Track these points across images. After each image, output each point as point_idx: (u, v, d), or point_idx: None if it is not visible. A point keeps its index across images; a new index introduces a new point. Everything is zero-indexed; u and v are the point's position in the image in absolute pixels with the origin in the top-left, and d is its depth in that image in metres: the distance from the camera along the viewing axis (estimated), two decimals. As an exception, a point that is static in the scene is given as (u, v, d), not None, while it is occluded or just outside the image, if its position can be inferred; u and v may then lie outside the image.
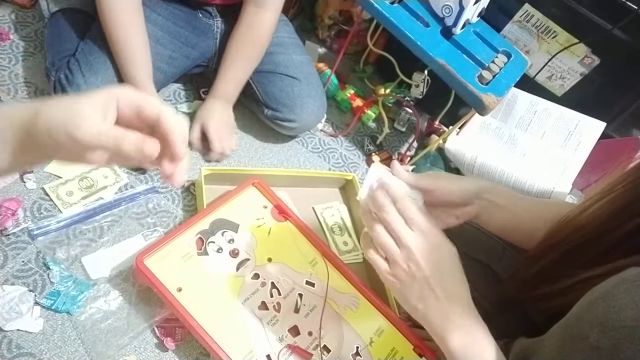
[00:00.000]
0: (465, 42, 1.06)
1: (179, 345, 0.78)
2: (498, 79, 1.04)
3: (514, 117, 1.18)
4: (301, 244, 0.90)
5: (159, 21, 0.99)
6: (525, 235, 0.72)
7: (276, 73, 1.07)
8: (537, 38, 1.18)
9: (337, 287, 0.86)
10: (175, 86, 1.14)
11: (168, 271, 0.76)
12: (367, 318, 0.84)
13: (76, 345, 0.74)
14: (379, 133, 1.28)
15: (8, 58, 1.03)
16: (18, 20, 1.11)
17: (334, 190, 1.11)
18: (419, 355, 0.82)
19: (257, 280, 0.82)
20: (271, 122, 1.11)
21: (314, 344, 0.78)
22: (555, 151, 1.14)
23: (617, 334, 0.43)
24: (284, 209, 0.92)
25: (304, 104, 1.07)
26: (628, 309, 0.43)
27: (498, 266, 0.84)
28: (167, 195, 0.96)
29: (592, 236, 0.61)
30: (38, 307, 0.75)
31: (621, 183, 0.58)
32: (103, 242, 0.85)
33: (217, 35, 1.07)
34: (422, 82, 1.11)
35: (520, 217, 0.72)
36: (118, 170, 0.94)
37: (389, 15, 0.98)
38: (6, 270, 0.77)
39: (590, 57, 1.14)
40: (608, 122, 1.13)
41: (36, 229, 0.82)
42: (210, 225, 0.85)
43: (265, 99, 1.08)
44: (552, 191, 1.11)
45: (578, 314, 0.49)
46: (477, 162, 1.17)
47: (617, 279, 0.47)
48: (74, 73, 0.91)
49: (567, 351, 0.48)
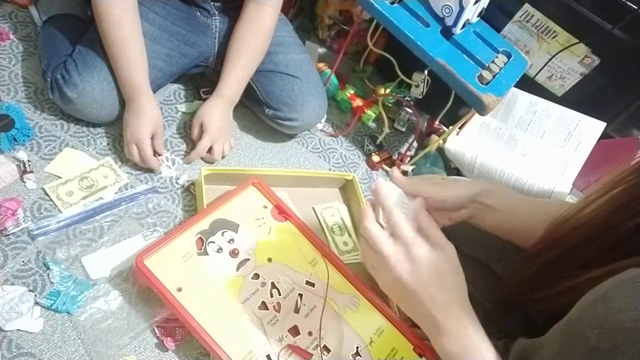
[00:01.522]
0: (465, 42, 1.06)
1: (179, 345, 0.78)
2: (498, 79, 1.04)
3: (514, 117, 1.18)
4: (301, 244, 0.90)
5: (156, 20, 0.99)
6: (523, 235, 0.73)
7: (276, 72, 1.07)
8: (537, 38, 1.18)
9: (337, 287, 0.86)
10: (175, 86, 1.14)
11: (168, 271, 0.76)
12: (367, 318, 0.84)
13: (76, 345, 0.74)
14: (379, 133, 1.28)
15: (8, 58, 1.03)
16: (18, 20, 1.11)
17: (334, 190, 1.11)
18: (419, 355, 0.82)
19: (257, 280, 0.82)
20: (272, 122, 1.10)
21: (314, 344, 0.78)
22: (555, 151, 1.14)
23: (617, 336, 0.43)
24: (284, 209, 0.92)
25: (304, 103, 1.07)
26: (628, 311, 0.43)
27: (498, 266, 0.84)
28: (167, 195, 0.96)
29: (591, 235, 0.61)
30: (38, 307, 0.75)
31: (621, 182, 0.58)
32: (103, 242, 0.85)
33: (215, 35, 1.07)
34: (422, 82, 1.11)
35: (515, 217, 0.72)
36: (118, 170, 0.94)
37: (389, 15, 0.98)
38: (6, 270, 0.77)
39: (590, 57, 1.14)
40: (608, 122, 1.13)
41: (36, 229, 0.82)
42: (210, 225, 0.85)
43: (265, 99, 1.08)
44: (552, 191, 1.11)
45: (578, 315, 0.49)
46: (477, 162, 1.17)
47: (617, 280, 0.47)
48: (71, 73, 0.91)
49: (567, 352, 0.48)
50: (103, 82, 0.92)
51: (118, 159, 0.97)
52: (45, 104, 0.99)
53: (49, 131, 0.95)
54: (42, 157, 0.91)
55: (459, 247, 0.91)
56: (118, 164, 0.96)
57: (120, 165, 0.96)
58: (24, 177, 0.87)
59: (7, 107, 0.91)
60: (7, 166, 0.86)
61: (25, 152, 0.90)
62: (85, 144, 0.96)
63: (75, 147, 0.95)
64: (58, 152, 0.93)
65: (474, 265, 0.87)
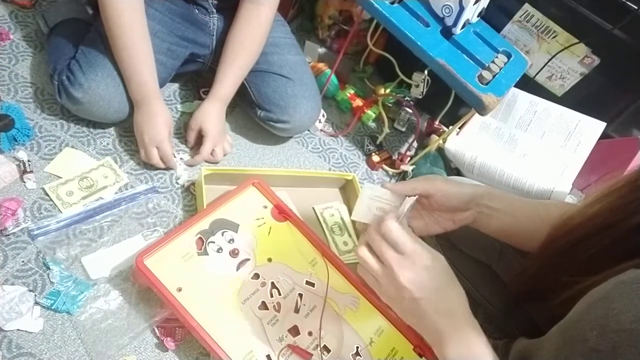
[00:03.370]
0: (465, 42, 1.06)
1: (179, 345, 0.78)
2: (498, 79, 1.04)
3: (514, 117, 1.18)
4: (301, 244, 0.90)
5: (156, 16, 0.99)
6: (525, 237, 0.72)
7: (270, 73, 1.07)
8: (537, 38, 1.18)
9: (337, 287, 0.86)
10: (175, 86, 1.14)
11: (168, 271, 0.76)
12: (367, 318, 0.84)
13: (76, 345, 0.74)
14: (379, 133, 1.28)
15: (8, 58, 1.03)
16: (18, 20, 1.11)
17: (334, 190, 1.11)
18: (419, 355, 0.82)
19: (257, 280, 0.82)
20: (264, 124, 1.10)
21: (314, 344, 0.78)
22: (555, 151, 1.14)
23: (617, 337, 0.43)
24: (284, 209, 0.92)
25: (297, 105, 1.06)
26: (627, 312, 0.43)
27: (498, 266, 0.85)
28: (167, 195, 0.96)
29: (591, 234, 0.61)
30: (38, 307, 0.75)
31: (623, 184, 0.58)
32: (103, 242, 0.85)
33: (214, 32, 1.07)
34: (422, 82, 1.11)
35: (518, 220, 0.72)
36: (118, 170, 0.95)
37: (389, 15, 0.98)
38: (6, 270, 0.77)
39: (590, 57, 1.14)
40: (608, 122, 1.13)
41: (36, 229, 0.82)
42: (210, 225, 0.85)
43: (258, 100, 1.08)
44: (552, 191, 1.11)
45: (577, 316, 0.49)
46: (477, 162, 1.16)
47: (616, 282, 0.47)
48: (75, 73, 0.91)
49: (567, 353, 0.48)
50: (107, 79, 0.92)
51: (118, 159, 0.97)
52: (45, 104, 0.99)
53: (49, 131, 0.95)
54: (42, 157, 0.92)
55: (459, 247, 0.91)
56: (118, 164, 0.96)
57: (120, 165, 0.96)
58: (24, 177, 0.87)
59: (7, 107, 0.91)
60: (7, 166, 0.86)
61: (25, 152, 0.90)
62: (85, 144, 0.96)
63: (75, 147, 0.95)
64: (58, 152, 0.93)
65: (474, 265, 0.87)
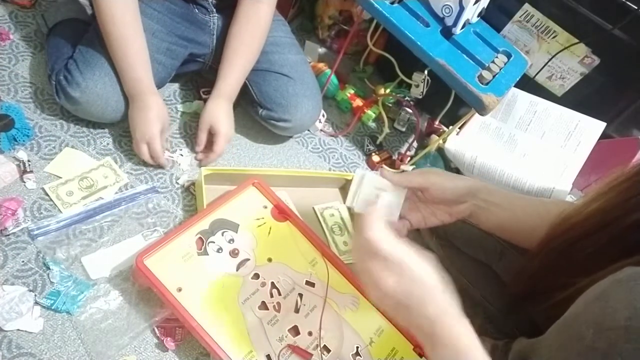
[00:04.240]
0: (465, 42, 1.06)
1: (179, 345, 0.78)
2: (498, 79, 1.04)
3: (514, 117, 1.18)
4: (301, 244, 0.90)
5: (155, 15, 0.99)
6: (524, 233, 0.73)
7: (271, 72, 1.07)
8: (537, 38, 1.18)
9: (337, 287, 0.86)
10: (175, 86, 1.14)
11: (168, 271, 0.76)
12: (367, 318, 0.84)
13: (76, 345, 0.74)
14: (379, 133, 1.28)
15: (8, 58, 1.03)
16: (18, 20, 1.11)
17: (334, 190, 1.11)
18: (419, 355, 0.82)
19: (257, 280, 0.82)
20: (266, 123, 1.10)
21: (314, 344, 0.78)
22: (555, 151, 1.14)
23: (613, 335, 0.43)
24: (284, 209, 0.92)
25: (298, 104, 1.06)
26: (623, 310, 0.43)
27: (498, 266, 0.85)
28: (167, 195, 0.96)
29: (589, 232, 0.61)
30: (38, 307, 0.75)
31: (622, 181, 0.58)
32: (103, 242, 0.85)
33: (214, 32, 1.07)
34: (422, 82, 1.11)
35: (516, 215, 0.72)
36: (118, 170, 0.94)
37: (389, 15, 0.98)
38: (6, 270, 0.77)
39: (590, 57, 1.14)
40: (608, 122, 1.13)
41: (36, 229, 0.82)
42: (210, 225, 0.85)
43: (259, 99, 1.08)
44: (552, 191, 1.11)
45: (574, 315, 0.50)
46: (477, 162, 1.17)
47: (612, 280, 0.47)
48: (72, 72, 0.91)
49: (564, 351, 0.48)
50: (105, 77, 0.92)
51: (118, 159, 0.97)
52: (45, 104, 0.99)
53: (49, 131, 0.95)
54: (42, 157, 0.92)
55: (459, 247, 0.91)
56: (118, 163, 0.96)
57: (120, 165, 0.96)
58: (24, 177, 0.87)
59: (7, 107, 0.91)
60: (7, 166, 0.86)
61: (25, 152, 0.90)
62: (85, 144, 0.96)
63: (75, 147, 0.95)
64: (58, 152, 0.93)
65: (474, 265, 0.87)
